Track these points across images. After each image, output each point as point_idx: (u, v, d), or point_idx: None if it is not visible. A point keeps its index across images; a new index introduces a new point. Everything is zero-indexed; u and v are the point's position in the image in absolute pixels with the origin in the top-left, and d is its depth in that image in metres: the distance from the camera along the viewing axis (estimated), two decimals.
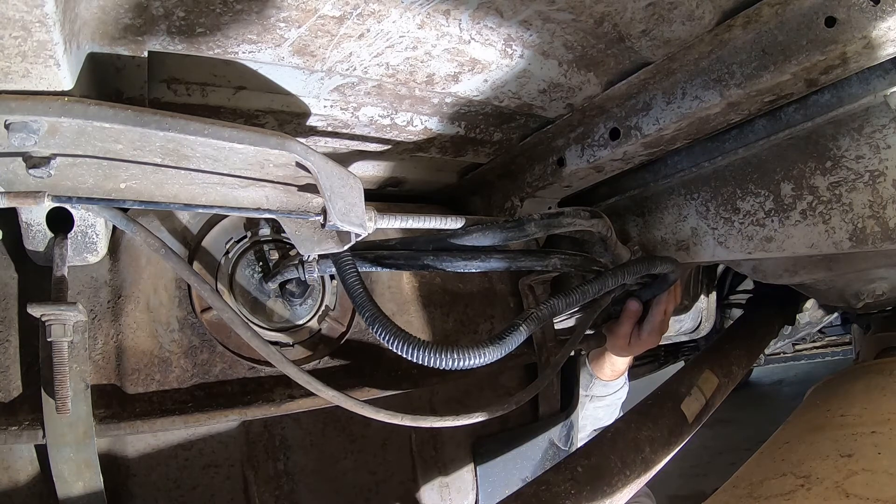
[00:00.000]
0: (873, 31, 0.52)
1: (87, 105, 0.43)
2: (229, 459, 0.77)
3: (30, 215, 0.61)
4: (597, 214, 0.75)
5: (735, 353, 1.19)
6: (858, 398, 0.92)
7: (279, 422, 0.82)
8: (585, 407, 1.25)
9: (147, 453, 0.72)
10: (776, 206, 0.77)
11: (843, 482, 0.64)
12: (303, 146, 0.51)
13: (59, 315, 0.60)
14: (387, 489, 0.89)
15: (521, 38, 0.60)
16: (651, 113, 0.69)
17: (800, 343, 3.58)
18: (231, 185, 0.59)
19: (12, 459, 0.66)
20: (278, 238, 0.81)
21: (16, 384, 0.66)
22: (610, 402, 1.28)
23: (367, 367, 0.87)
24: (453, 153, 0.86)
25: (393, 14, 0.53)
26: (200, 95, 0.61)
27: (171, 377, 0.73)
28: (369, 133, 0.76)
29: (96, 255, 0.68)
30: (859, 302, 1.22)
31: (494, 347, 0.63)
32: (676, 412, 0.92)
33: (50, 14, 0.37)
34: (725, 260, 1.12)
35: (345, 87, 0.65)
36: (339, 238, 0.64)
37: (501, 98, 0.71)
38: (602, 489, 0.74)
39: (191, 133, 0.46)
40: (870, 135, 0.67)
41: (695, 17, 0.57)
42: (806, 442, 0.81)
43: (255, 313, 0.79)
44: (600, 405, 1.28)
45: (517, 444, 1.02)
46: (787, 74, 0.57)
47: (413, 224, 0.69)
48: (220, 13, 0.49)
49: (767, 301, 1.59)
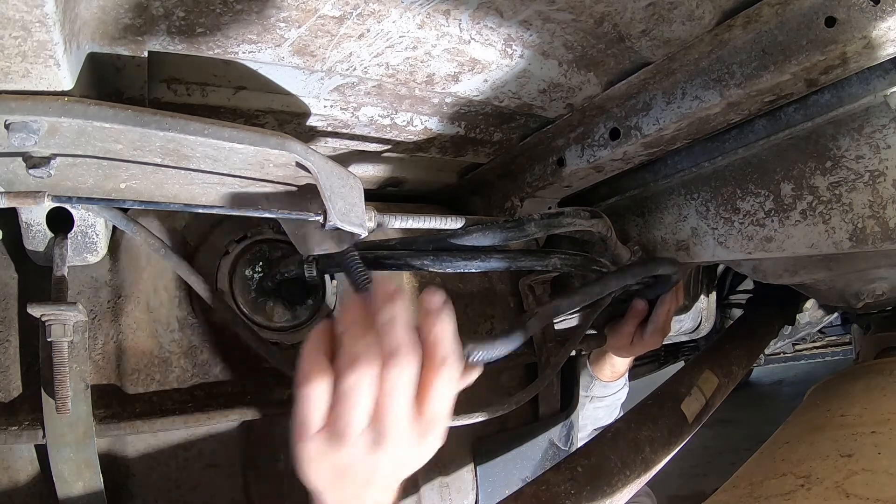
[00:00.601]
0: (873, 31, 0.52)
1: (87, 105, 0.43)
2: (229, 459, 0.77)
3: (30, 215, 0.61)
4: (597, 214, 0.76)
5: (735, 353, 1.19)
6: (858, 398, 0.92)
7: (279, 422, 0.82)
8: (585, 407, 1.25)
9: (147, 453, 0.72)
10: (776, 206, 0.77)
11: (843, 482, 0.64)
12: (303, 146, 0.51)
13: (59, 315, 0.60)
14: None
15: (521, 38, 0.60)
16: (651, 113, 0.69)
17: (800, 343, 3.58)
18: (231, 185, 0.59)
19: (12, 459, 0.66)
20: (278, 238, 0.81)
21: (16, 384, 0.66)
22: (610, 403, 1.29)
23: None
24: (453, 153, 0.86)
25: (393, 14, 0.53)
26: (200, 95, 0.61)
27: (171, 377, 0.73)
28: (369, 133, 0.76)
29: (96, 255, 0.68)
30: (859, 302, 1.22)
31: (502, 342, 0.59)
32: (676, 412, 0.92)
33: (50, 14, 0.37)
34: (725, 260, 1.12)
35: (345, 87, 0.65)
36: (339, 238, 0.64)
37: (501, 98, 0.71)
38: (602, 489, 0.74)
39: (191, 133, 0.46)
40: (870, 135, 0.67)
41: (695, 17, 0.57)
42: (806, 442, 0.82)
43: (255, 313, 0.79)
44: (600, 405, 1.28)
45: (517, 444, 1.02)
46: (787, 74, 0.57)
47: (413, 224, 0.69)
48: (220, 13, 0.49)
49: (767, 301, 1.59)
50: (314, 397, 0.47)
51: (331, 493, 0.50)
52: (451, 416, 0.51)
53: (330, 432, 0.47)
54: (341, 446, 0.47)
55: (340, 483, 0.49)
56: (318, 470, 0.49)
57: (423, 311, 0.50)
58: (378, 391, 0.46)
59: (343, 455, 0.47)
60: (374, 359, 0.46)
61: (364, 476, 0.48)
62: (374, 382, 0.46)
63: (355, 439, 0.47)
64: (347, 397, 0.46)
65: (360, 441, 0.47)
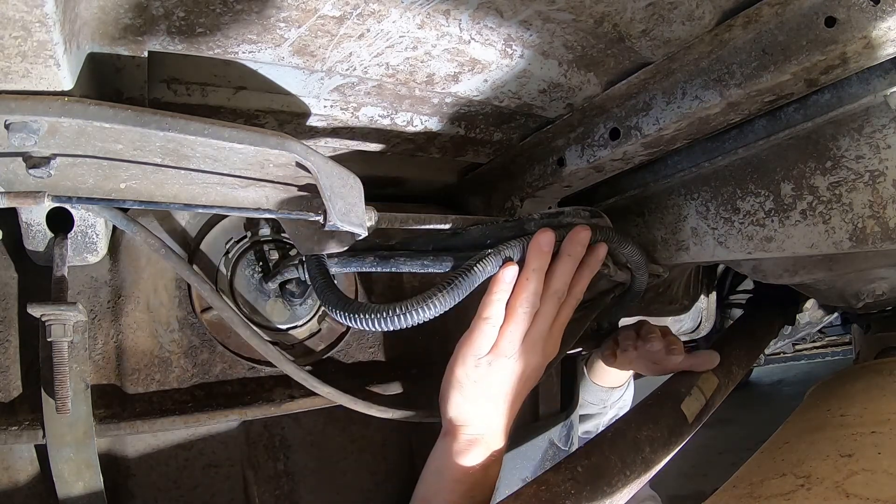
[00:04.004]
0: (873, 31, 0.51)
1: (87, 105, 0.43)
2: (229, 459, 0.77)
3: (30, 215, 0.61)
4: (597, 214, 0.76)
5: (735, 353, 1.19)
6: (858, 398, 0.92)
7: (279, 422, 0.82)
8: (607, 415, 1.26)
9: (147, 453, 0.72)
10: (776, 206, 0.77)
11: (843, 482, 0.64)
12: (303, 146, 0.51)
13: (59, 315, 0.60)
14: (387, 489, 0.89)
15: (521, 38, 0.60)
16: (651, 113, 0.69)
17: (800, 343, 3.59)
18: (231, 185, 0.59)
19: (12, 459, 0.66)
20: (278, 238, 0.81)
21: (16, 384, 0.66)
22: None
23: (367, 367, 0.88)
24: (453, 153, 0.86)
25: (393, 14, 0.53)
26: (200, 95, 0.61)
27: (172, 377, 0.73)
28: (369, 133, 0.76)
29: (96, 255, 0.68)
30: (859, 302, 1.22)
31: (445, 294, 0.60)
32: (676, 412, 0.92)
33: (50, 14, 0.37)
34: (725, 260, 1.12)
35: (345, 87, 0.65)
36: (339, 238, 0.64)
37: (501, 98, 0.71)
38: (602, 489, 0.74)
39: (191, 133, 0.46)
40: (870, 135, 0.67)
41: (695, 18, 0.57)
42: (806, 442, 0.81)
43: (255, 313, 0.79)
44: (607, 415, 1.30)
45: (517, 444, 1.02)
46: (787, 74, 0.57)
47: (413, 224, 0.69)
48: (220, 13, 0.49)
49: (767, 301, 1.59)
50: (489, 331, 0.67)
51: (481, 403, 0.70)
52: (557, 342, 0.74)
53: (496, 353, 0.68)
54: (503, 359, 0.68)
55: (488, 391, 0.69)
56: (476, 384, 0.69)
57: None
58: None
59: (501, 367, 0.68)
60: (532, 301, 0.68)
61: (510, 383, 0.70)
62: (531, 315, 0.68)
63: (511, 354, 0.68)
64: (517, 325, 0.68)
65: (514, 355, 0.68)
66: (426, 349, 0.92)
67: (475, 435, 0.70)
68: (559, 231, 0.68)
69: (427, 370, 0.90)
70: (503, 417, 0.71)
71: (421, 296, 0.60)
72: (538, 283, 0.67)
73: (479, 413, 0.70)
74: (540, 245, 0.67)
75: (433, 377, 0.78)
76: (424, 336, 0.91)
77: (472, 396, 0.69)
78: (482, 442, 0.70)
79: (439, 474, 0.70)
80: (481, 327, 0.67)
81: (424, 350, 0.92)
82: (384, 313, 0.60)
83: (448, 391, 0.71)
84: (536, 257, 0.67)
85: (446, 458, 0.69)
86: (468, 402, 0.70)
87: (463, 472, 0.68)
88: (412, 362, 0.91)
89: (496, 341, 0.68)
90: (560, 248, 0.69)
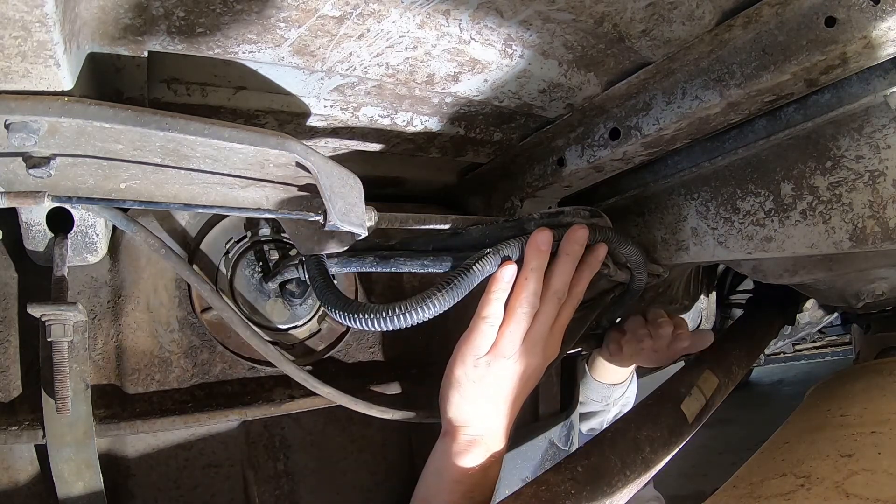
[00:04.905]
0: (873, 31, 0.51)
1: (87, 105, 0.43)
2: (229, 459, 0.77)
3: (30, 215, 0.61)
4: (597, 214, 0.76)
5: (735, 353, 1.19)
6: (858, 398, 0.92)
7: (279, 422, 0.82)
8: (610, 412, 1.27)
9: (147, 453, 0.72)
10: (776, 206, 0.77)
11: (843, 482, 0.64)
12: (303, 146, 0.51)
13: (59, 315, 0.60)
14: (387, 489, 0.89)
15: (521, 38, 0.60)
16: (651, 113, 0.69)
17: (800, 343, 3.59)
18: (231, 185, 0.59)
19: (12, 459, 0.66)
20: (278, 238, 0.81)
21: (16, 384, 0.66)
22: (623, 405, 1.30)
23: (367, 367, 0.88)
24: (453, 153, 0.86)
25: (393, 14, 0.53)
26: (200, 95, 0.61)
27: (171, 377, 0.73)
28: (369, 133, 0.76)
29: (96, 255, 0.68)
30: (859, 302, 1.22)
31: (444, 294, 0.60)
32: (676, 412, 0.92)
33: (50, 14, 0.37)
34: (725, 260, 1.12)
35: (345, 87, 0.65)
36: (339, 238, 0.64)
37: (501, 98, 0.71)
38: (602, 489, 0.74)
39: (191, 133, 0.46)
40: (870, 135, 0.67)
41: (695, 17, 0.57)
42: (806, 442, 0.81)
43: (255, 313, 0.79)
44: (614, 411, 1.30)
45: (517, 444, 1.02)
46: (787, 74, 0.57)
47: (413, 224, 0.69)
48: (220, 13, 0.49)
49: (767, 301, 1.59)
50: (488, 330, 0.67)
51: (481, 404, 0.70)
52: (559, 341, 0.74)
53: (495, 353, 0.68)
54: (502, 360, 0.68)
55: (487, 391, 0.69)
56: (475, 385, 0.69)
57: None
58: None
59: (500, 367, 0.68)
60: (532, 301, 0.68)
61: (509, 383, 0.70)
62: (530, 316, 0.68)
63: (510, 355, 0.68)
64: (517, 325, 0.68)
65: (513, 355, 0.68)
66: (426, 349, 0.92)
67: (474, 435, 0.70)
68: (559, 231, 0.68)
69: (427, 370, 0.90)
70: (503, 418, 0.71)
71: (420, 295, 0.60)
72: (537, 282, 0.67)
73: (478, 413, 0.70)
74: (538, 244, 0.66)
75: (433, 377, 0.78)
76: (424, 336, 0.91)
77: (471, 397, 0.69)
78: (482, 442, 0.70)
79: (439, 475, 0.70)
80: (480, 327, 0.67)
81: (424, 350, 0.92)
82: (384, 313, 0.60)
83: (447, 391, 0.70)
84: (534, 256, 0.67)
85: (446, 459, 0.69)
86: (467, 403, 0.70)
87: (462, 473, 0.68)
88: (412, 362, 0.91)
89: (496, 341, 0.68)
90: (558, 248, 0.69)
